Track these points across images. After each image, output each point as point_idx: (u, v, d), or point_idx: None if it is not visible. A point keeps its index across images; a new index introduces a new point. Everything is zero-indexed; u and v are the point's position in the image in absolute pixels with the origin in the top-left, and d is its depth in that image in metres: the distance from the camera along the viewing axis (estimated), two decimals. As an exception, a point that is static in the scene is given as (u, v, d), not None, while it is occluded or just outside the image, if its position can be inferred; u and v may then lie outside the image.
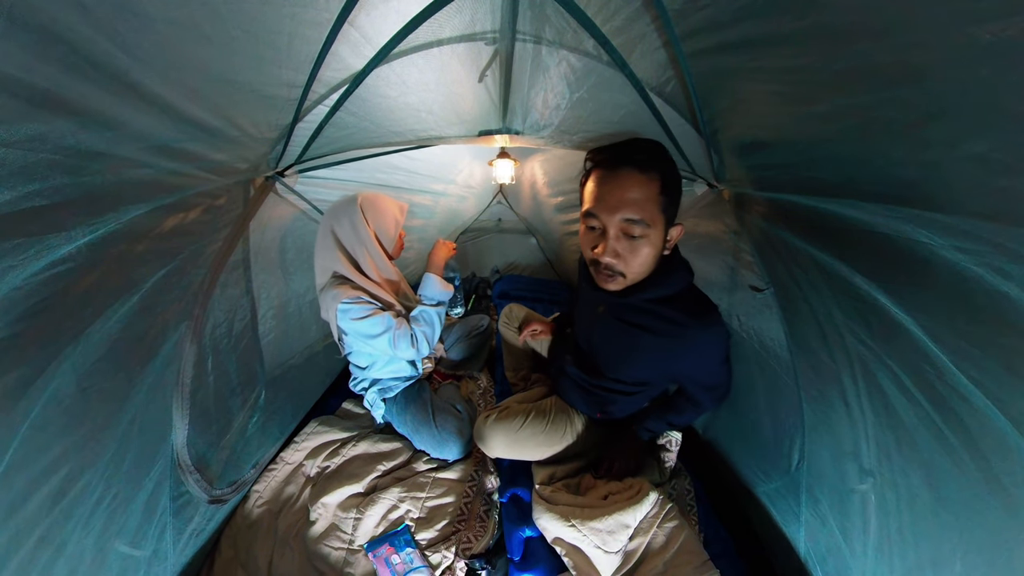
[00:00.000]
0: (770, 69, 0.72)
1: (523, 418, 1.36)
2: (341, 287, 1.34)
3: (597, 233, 0.96)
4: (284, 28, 0.77)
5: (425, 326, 1.42)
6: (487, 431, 1.35)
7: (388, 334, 1.35)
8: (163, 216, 0.86)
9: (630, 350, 1.15)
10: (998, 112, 0.48)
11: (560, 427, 1.35)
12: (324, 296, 1.38)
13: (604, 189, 0.93)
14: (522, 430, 1.33)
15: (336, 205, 1.40)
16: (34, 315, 0.64)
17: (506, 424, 1.34)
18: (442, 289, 1.47)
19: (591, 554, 1.07)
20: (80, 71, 0.57)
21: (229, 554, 1.20)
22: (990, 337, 0.58)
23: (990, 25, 0.44)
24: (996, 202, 0.53)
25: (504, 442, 1.33)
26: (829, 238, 0.84)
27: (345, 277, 1.37)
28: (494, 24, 0.89)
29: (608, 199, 0.92)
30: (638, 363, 1.17)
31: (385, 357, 1.51)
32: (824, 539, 0.97)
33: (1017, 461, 0.57)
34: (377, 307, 1.37)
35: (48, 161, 0.58)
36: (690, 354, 1.09)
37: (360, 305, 1.34)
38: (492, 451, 1.36)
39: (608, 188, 0.93)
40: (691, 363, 1.12)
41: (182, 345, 1.01)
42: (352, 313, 1.33)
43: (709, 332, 1.05)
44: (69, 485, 0.75)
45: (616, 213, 0.91)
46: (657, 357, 1.13)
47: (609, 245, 0.94)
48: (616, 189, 0.91)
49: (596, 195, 0.94)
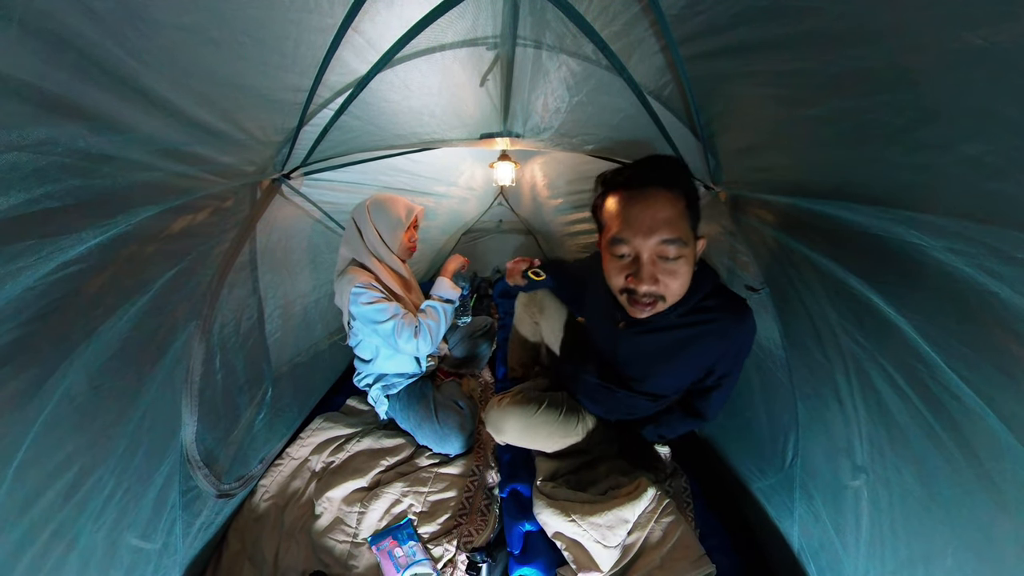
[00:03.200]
0: (766, 73, 0.73)
1: (537, 405, 1.32)
2: (356, 271, 1.42)
3: (628, 260, 0.88)
4: (290, 34, 0.78)
5: (431, 319, 1.46)
6: (500, 414, 1.31)
7: (393, 322, 1.38)
8: (172, 218, 0.88)
9: (663, 363, 1.07)
10: (990, 116, 0.49)
11: (572, 421, 1.34)
12: (340, 280, 1.44)
13: (633, 212, 0.85)
14: (537, 416, 1.30)
15: (359, 203, 1.51)
16: (46, 315, 0.65)
17: (522, 409, 1.31)
18: (451, 289, 1.53)
19: (591, 548, 1.09)
20: (90, 76, 0.58)
21: (237, 547, 1.22)
22: (981, 337, 0.59)
23: (982, 30, 0.45)
24: (988, 204, 0.53)
25: (518, 427, 1.29)
26: (824, 239, 0.85)
27: (362, 264, 1.45)
28: (495, 29, 0.91)
29: (639, 222, 0.84)
30: (671, 374, 1.11)
31: (389, 350, 1.53)
32: (817, 534, 0.99)
33: (1007, 458, 0.58)
34: (387, 295, 1.44)
35: (59, 164, 0.59)
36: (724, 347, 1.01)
37: (371, 291, 1.40)
38: (504, 435, 1.32)
39: (638, 210, 0.85)
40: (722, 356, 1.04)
41: (191, 344, 1.02)
42: (363, 297, 1.39)
43: (743, 324, 0.98)
44: (82, 480, 0.76)
45: (652, 236, 0.83)
46: (690, 362, 1.05)
47: (646, 271, 0.86)
48: (647, 210, 0.84)
49: (624, 219, 0.86)
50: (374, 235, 1.47)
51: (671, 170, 0.88)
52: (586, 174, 1.86)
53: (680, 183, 0.87)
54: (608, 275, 0.94)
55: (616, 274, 0.91)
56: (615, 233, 0.88)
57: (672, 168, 0.89)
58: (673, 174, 0.88)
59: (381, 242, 1.49)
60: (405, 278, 1.59)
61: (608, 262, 0.92)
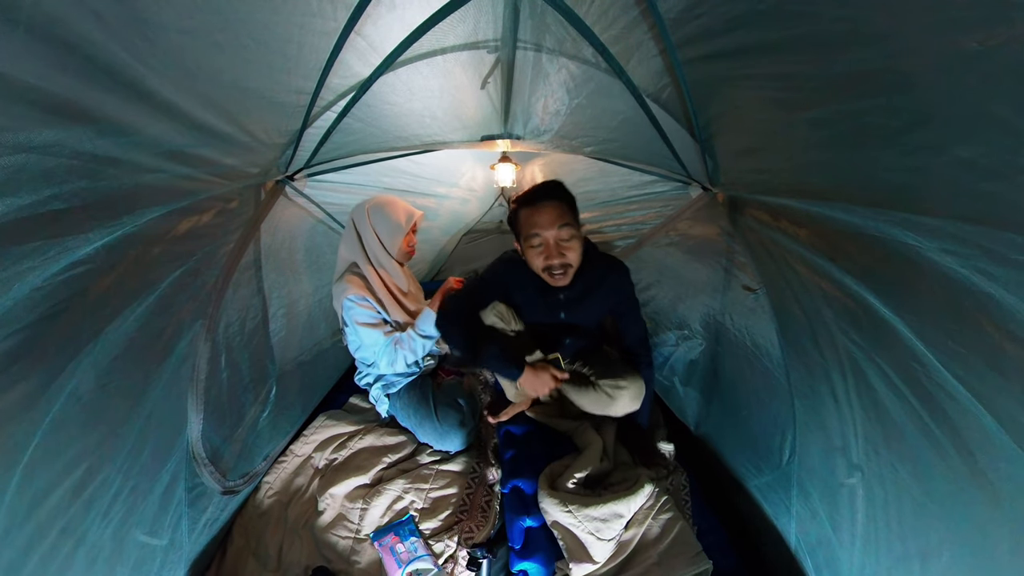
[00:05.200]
0: (763, 76, 0.74)
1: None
2: (352, 280, 1.43)
3: (542, 248, 1.24)
4: (293, 37, 0.79)
5: (407, 351, 1.49)
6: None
7: (377, 347, 1.47)
8: (178, 219, 0.89)
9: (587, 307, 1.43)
10: (984, 118, 0.49)
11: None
12: (337, 286, 1.45)
13: (537, 216, 1.21)
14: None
15: (358, 204, 1.50)
16: (55, 315, 0.66)
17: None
18: (433, 327, 1.49)
19: (585, 540, 1.10)
20: (96, 80, 0.59)
21: (241, 542, 1.24)
22: (976, 336, 0.60)
23: (976, 34, 0.46)
24: (982, 206, 0.54)
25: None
26: (820, 240, 0.86)
27: (359, 272, 1.46)
28: (496, 33, 0.91)
29: (543, 220, 1.21)
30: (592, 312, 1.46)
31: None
32: (814, 531, 1.00)
33: (1001, 456, 0.59)
34: (379, 318, 1.47)
35: (66, 166, 0.60)
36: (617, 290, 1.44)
37: (364, 309, 1.43)
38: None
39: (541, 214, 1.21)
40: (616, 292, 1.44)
41: (196, 343, 1.04)
42: (355, 313, 1.42)
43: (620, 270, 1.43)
44: (89, 478, 0.77)
45: (553, 228, 1.20)
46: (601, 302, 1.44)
47: (555, 249, 1.22)
48: (547, 213, 1.21)
49: (533, 222, 1.22)
50: (373, 239, 1.47)
51: (558, 189, 1.25)
52: (585, 176, 1.86)
53: (563, 196, 1.25)
54: (531, 261, 1.28)
55: (536, 258, 1.26)
56: (529, 231, 1.23)
57: (558, 188, 1.25)
58: (558, 191, 1.24)
59: (380, 246, 1.48)
60: (402, 284, 1.58)
61: (529, 252, 1.27)
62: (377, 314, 1.48)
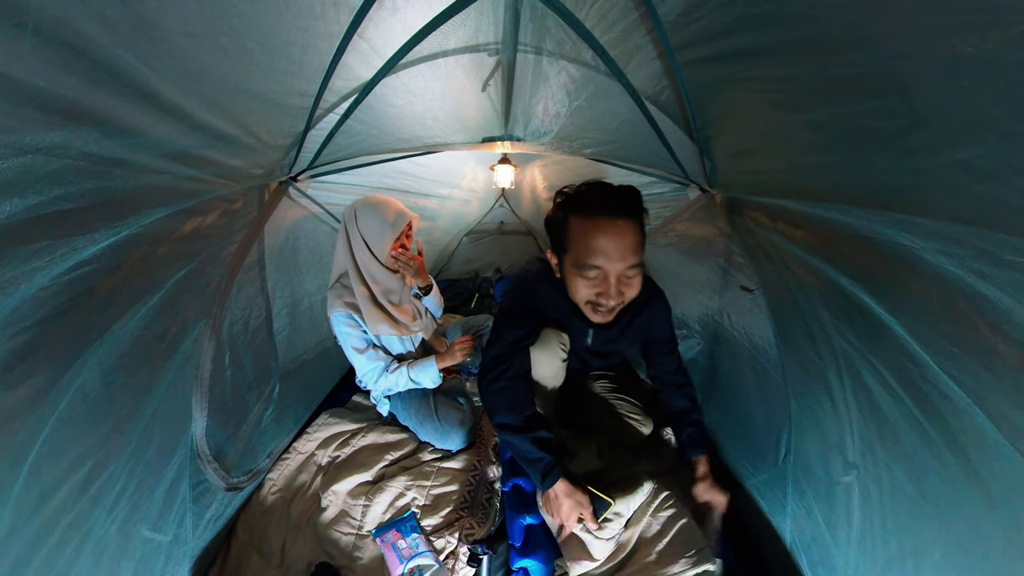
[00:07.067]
0: (761, 79, 0.74)
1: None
2: (340, 297, 1.41)
3: (597, 280, 0.98)
4: (297, 40, 0.79)
5: (390, 385, 1.51)
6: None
7: (362, 366, 1.48)
8: (182, 219, 0.90)
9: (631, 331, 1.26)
10: (979, 120, 0.50)
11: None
12: (329, 295, 1.45)
13: (607, 240, 0.93)
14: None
15: (349, 204, 1.45)
16: (61, 314, 0.66)
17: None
18: (431, 380, 1.51)
19: (583, 537, 1.11)
20: (102, 82, 0.59)
21: (245, 538, 1.25)
22: (970, 337, 0.60)
23: (972, 37, 0.46)
24: (977, 207, 0.55)
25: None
26: (817, 241, 0.86)
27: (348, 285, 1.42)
28: (497, 36, 0.92)
29: (612, 250, 0.93)
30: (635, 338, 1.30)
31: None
32: (809, 529, 1.00)
33: (995, 456, 0.59)
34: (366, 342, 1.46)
35: (73, 167, 0.60)
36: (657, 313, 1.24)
37: (351, 329, 1.43)
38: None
39: (611, 239, 0.93)
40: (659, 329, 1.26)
41: (201, 342, 1.04)
42: (342, 334, 1.44)
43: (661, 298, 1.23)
44: (95, 475, 0.78)
45: (623, 262, 0.94)
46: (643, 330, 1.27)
47: (614, 289, 0.97)
48: (621, 239, 0.93)
49: (597, 246, 0.94)
50: (360, 243, 1.37)
51: (637, 202, 0.97)
52: (585, 177, 1.86)
53: (640, 213, 0.97)
54: (574, 289, 1.03)
55: (584, 289, 1.01)
56: (588, 260, 0.96)
57: (637, 200, 0.97)
58: (637, 205, 0.97)
59: (367, 251, 1.37)
60: (395, 296, 1.45)
61: (575, 279, 1.01)
62: (364, 334, 1.44)
